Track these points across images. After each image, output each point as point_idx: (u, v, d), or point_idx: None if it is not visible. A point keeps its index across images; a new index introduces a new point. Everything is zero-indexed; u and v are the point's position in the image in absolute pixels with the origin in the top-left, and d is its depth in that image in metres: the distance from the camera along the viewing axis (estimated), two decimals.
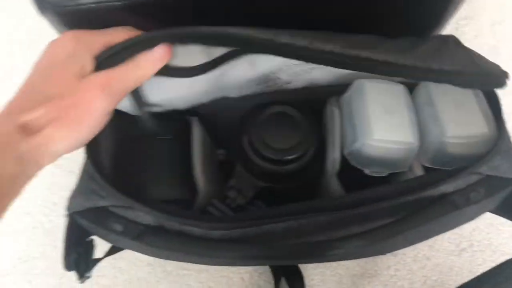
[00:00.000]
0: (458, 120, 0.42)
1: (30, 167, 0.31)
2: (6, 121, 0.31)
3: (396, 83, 0.44)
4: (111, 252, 0.44)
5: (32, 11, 0.38)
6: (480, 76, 0.39)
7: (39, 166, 0.32)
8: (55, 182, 0.68)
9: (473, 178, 0.39)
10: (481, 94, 0.43)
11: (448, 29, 0.75)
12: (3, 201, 0.30)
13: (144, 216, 0.36)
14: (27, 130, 0.31)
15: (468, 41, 0.45)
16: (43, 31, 0.39)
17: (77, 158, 0.47)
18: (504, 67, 0.40)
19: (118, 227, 0.36)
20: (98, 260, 0.42)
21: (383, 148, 0.42)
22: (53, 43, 0.35)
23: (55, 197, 0.68)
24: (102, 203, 0.37)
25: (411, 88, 0.45)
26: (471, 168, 0.38)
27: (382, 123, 0.41)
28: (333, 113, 0.47)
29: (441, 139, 0.42)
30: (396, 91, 0.44)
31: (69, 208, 0.39)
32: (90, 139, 0.35)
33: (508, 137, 0.43)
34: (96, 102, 0.34)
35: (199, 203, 0.44)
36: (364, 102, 0.43)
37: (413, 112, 0.43)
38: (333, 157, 0.45)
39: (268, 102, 0.45)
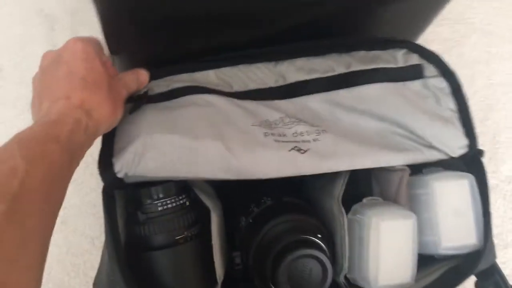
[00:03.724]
0: (453, 231, 0.45)
1: (92, 137, 0.38)
2: (66, 101, 0.36)
3: (407, 215, 0.45)
4: None
5: None
6: None
7: (97, 136, 0.39)
8: None
9: None
10: (478, 199, 0.46)
11: None
12: (73, 165, 0.36)
13: None
14: (84, 108, 0.37)
15: None
16: None
17: None
18: None
19: None
20: None
21: None
22: (72, 43, 0.40)
23: None
24: None
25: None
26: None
27: (387, 271, 0.44)
28: (353, 229, 0.46)
29: (435, 248, 0.45)
30: (406, 228, 0.44)
31: None
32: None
33: (490, 241, 0.50)
34: (123, 96, 0.42)
35: None
36: (376, 243, 0.43)
37: (416, 249, 0.45)
38: (344, 267, 0.46)
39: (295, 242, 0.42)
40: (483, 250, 0.45)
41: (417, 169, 0.49)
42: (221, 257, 0.45)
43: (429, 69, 0.48)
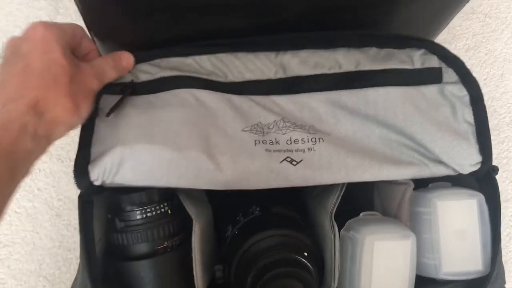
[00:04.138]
0: (456, 255, 0.42)
1: (42, 143, 0.34)
2: (17, 102, 0.33)
3: (404, 235, 0.42)
4: None
5: None
6: None
7: (50, 142, 0.35)
8: (42, 168, 0.66)
9: None
10: (487, 218, 0.43)
11: None
12: (18, 176, 0.33)
13: None
14: (37, 109, 0.33)
15: None
16: None
17: (64, 145, 0.55)
18: None
19: None
20: None
21: None
22: (32, 31, 0.36)
23: (40, 183, 0.66)
24: None
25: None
26: None
27: None
28: (345, 247, 0.44)
29: (435, 272, 0.42)
30: (402, 250, 0.41)
31: None
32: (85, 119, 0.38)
33: (499, 267, 0.47)
34: (93, 89, 0.38)
35: None
36: (368, 264, 0.41)
37: (413, 272, 0.42)
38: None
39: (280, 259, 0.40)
40: (489, 277, 0.42)
41: (423, 183, 0.45)
42: (204, 270, 0.43)
43: (449, 74, 0.43)
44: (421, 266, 0.43)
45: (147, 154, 0.38)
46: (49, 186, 0.67)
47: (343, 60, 0.43)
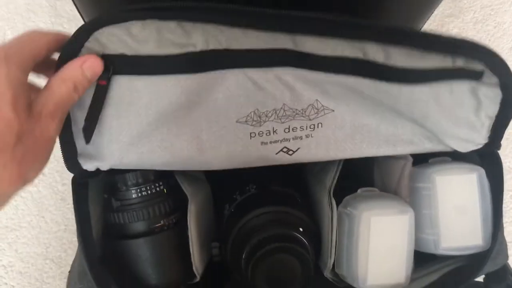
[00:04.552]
0: (456, 230, 0.41)
1: None
2: None
3: (402, 210, 0.41)
4: None
5: None
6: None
7: None
8: None
9: None
10: (488, 193, 0.42)
11: (434, 25, 0.75)
12: None
13: None
14: None
15: None
16: None
17: None
18: None
19: None
20: None
21: None
22: None
23: (45, 169, 0.67)
24: None
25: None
26: None
27: (377, 269, 0.41)
28: (342, 223, 0.43)
29: (434, 247, 0.42)
30: (400, 225, 0.41)
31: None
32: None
33: (500, 242, 0.46)
34: (50, 135, 0.30)
35: None
36: (365, 240, 0.41)
37: (412, 248, 0.42)
38: (328, 265, 0.44)
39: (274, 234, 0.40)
40: (490, 252, 0.41)
41: (423, 158, 0.44)
42: (201, 249, 0.43)
43: (489, 77, 0.37)
44: (420, 241, 0.43)
45: (143, 147, 0.38)
46: (54, 171, 0.68)
47: (371, 49, 0.35)
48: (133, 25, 0.33)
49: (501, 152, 0.68)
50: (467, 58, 0.36)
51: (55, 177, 0.67)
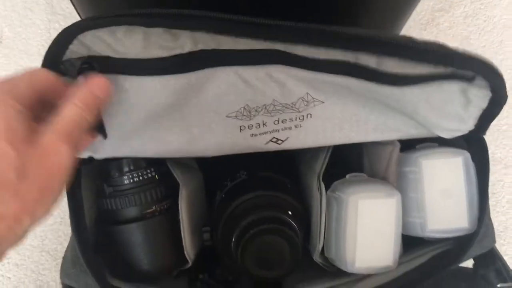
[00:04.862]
0: (442, 213, 0.42)
1: None
2: None
3: (389, 194, 0.42)
4: None
5: None
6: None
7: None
8: None
9: None
10: (473, 176, 0.43)
11: (424, 20, 0.76)
12: None
13: None
14: None
15: (442, 31, 0.45)
16: None
17: None
18: None
19: None
20: None
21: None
22: None
23: None
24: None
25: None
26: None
27: (365, 252, 0.42)
28: (331, 207, 0.44)
29: (421, 230, 0.43)
30: (387, 208, 0.42)
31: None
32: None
33: (486, 225, 0.47)
34: (63, 160, 0.28)
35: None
36: (353, 223, 0.41)
37: (399, 231, 0.43)
38: (317, 248, 0.44)
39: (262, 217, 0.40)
40: (476, 234, 0.42)
41: (410, 145, 0.46)
42: (192, 235, 0.44)
43: (479, 80, 0.37)
44: (407, 225, 0.44)
45: (138, 139, 0.39)
46: None
47: (363, 56, 0.35)
48: (118, 29, 0.33)
49: (491, 143, 0.70)
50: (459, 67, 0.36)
51: None
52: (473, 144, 0.44)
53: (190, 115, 0.38)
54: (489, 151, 0.70)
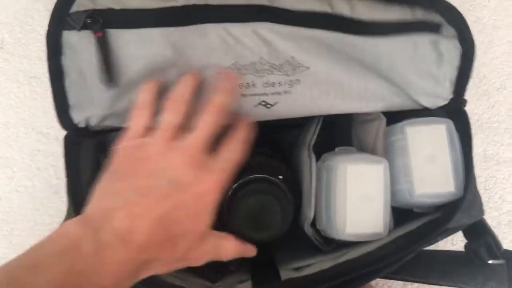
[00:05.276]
0: (428, 177, 0.44)
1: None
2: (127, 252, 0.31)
3: (377, 160, 0.44)
4: None
5: None
6: None
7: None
8: (41, 149, 0.69)
9: None
10: (457, 144, 0.44)
11: None
12: None
13: None
14: (144, 265, 0.32)
15: None
16: None
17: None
18: None
19: None
20: None
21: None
22: (203, 183, 0.36)
23: (40, 164, 0.69)
24: None
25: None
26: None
27: (355, 219, 0.43)
28: (321, 176, 0.45)
29: (409, 196, 0.44)
30: (376, 174, 0.43)
31: None
32: None
33: (474, 194, 0.48)
34: (205, 259, 0.37)
35: None
36: (342, 189, 0.43)
37: (388, 197, 0.44)
38: (308, 216, 0.45)
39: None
40: (463, 199, 0.43)
41: (396, 121, 0.47)
42: None
43: (447, 29, 0.42)
44: (396, 194, 0.45)
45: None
46: (48, 166, 0.70)
47: (336, 2, 0.40)
48: None
49: (483, 140, 0.71)
50: (425, 10, 0.40)
51: (49, 171, 0.69)
52: (455, 116, 0.46)
53: (183, 70, 0.40)
54: (481, 149, 0.72)
